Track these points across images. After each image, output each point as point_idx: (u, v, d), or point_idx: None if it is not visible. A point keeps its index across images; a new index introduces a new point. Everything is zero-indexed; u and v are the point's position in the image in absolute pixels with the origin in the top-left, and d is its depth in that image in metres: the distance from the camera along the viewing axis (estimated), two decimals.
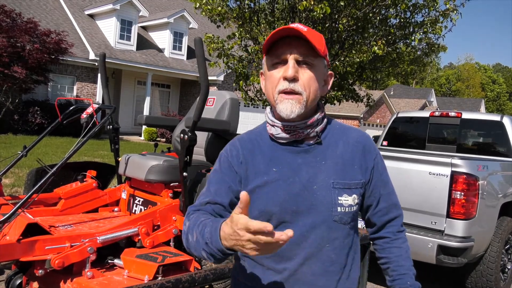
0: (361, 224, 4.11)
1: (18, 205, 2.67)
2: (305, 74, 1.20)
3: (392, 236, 1.35)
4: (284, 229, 1.11)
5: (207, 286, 3.16)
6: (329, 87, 1.31)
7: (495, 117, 5.32)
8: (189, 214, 1.25)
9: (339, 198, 1.22)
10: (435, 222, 3.85)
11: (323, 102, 11.02)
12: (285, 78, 1.19)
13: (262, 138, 1.31)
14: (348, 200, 1.23)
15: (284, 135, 1.25)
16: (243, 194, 0.94)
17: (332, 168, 1.24)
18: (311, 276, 1.22)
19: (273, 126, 1.27)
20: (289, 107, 1.19)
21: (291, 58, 1.19)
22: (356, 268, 1.32)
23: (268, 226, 0.90)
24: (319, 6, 7.87)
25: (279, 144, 1.27)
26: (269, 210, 1.23)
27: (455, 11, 9.26)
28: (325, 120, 1.30)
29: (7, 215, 2.61)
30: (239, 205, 0.94)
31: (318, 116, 1.26)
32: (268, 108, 1.35)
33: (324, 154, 1.26)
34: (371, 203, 1.34)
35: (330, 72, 1.31)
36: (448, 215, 3.77)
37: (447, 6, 9.24)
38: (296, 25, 1.19)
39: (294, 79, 1.19)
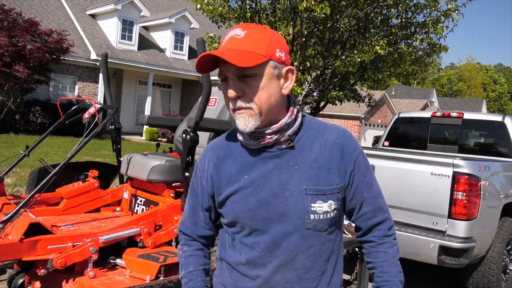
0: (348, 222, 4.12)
1: (21, 204, 2.67)
2: (249, 87, 1.14)
3: (378, 241, 1.28)
4: (257, 237, 1.21)
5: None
6: (291, 84, 1.20)
7: (497, 118, 5.31)
8: (182, 244, 1.38)
9: (312, 205, 1.17)
10: (437, 223, 3.85)
11: (324, 102, 11.04)
12: (229, 97, 1.16)
13: (235, 143, 1.28)
14: (323, 207, 1.18)
15: (252, 141, 1.21)
16: None
17: (306, 173, 1.19)
18: (285, 283, 1.20)
19: (240, 134, 1.24)
20: (243, 122, 1.16)
21: (230, 76, 1.14)
22: (339, 273, 1.29)
23: None
24: (320, 6, 7.87)
25: (250, 150, 1.23)
26: (241, 217, 1.21)
27: (456, 11, 9.26)
28: (298, 121, 1.23)
29: (10, 214, 2.62)
30: None
31: (286, 120, 1.20)
32: None
33: (297, 159, 1.20)
34: (354, 207, 1.27)
35: (289, 67, 1.19)
36: (450, 216, 3.77)
37: (449, 6, 9.24)
38: (234, 32, 1.16)
39: (238, 97, 1.15)
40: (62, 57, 15.05)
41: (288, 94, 1.22)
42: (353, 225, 1.36)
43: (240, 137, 1.25)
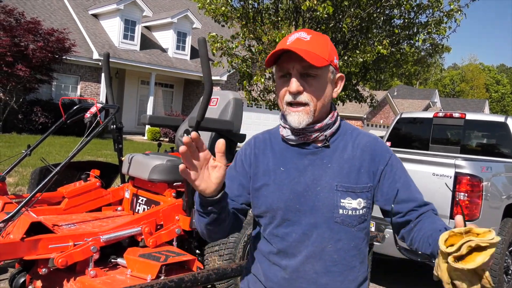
0: None
1: (22, 204, 2.68)
2: (310, 86, 1.24)
3: (417, 218, 1.29)
4: (288, 227, 1.30)
5: (210, 286, 3.16)
6: (340, 89, 1.35)
7: (499, 118, 5.29)
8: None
9: (342, 200, 1.24)
10: None
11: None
12: (290, 92, 1.24)
13: (276, 138, 1.37)
14: (352, 204, 1.25)
15: (293, 137, 1.30)
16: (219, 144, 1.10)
17: (338, 171, 1.27)
18: (313, 274, 1.26)
19: (284, 128, 1.33)
20: (297, 119, 1.25)
21: (293, 73, 1.23)
22: (365, 272, 1.33)
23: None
24: (322, 6, 7.86)
25: (289, 145, 1.33)
26: (275, 207, 1.28)
27: (459, 12, 9.24)
28: (337, 124, 1.33)
29: (11, 213, 2.63)
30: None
31: (327, 120, 1.30)
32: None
33: (331, 157, 1.29)
34: (390, 197, 1.30)
35: (340, 74, 1.34)
36: (452, 217, 3.75)
37: (452, 6, 9.22)
38: (299, 35, 1.25)
39: (298, 92, 1.24)
40: (64, 57, 15.07)
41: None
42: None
43: (282, 132, 1.34)
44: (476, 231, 0.99)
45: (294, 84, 1.23)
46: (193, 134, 1.06)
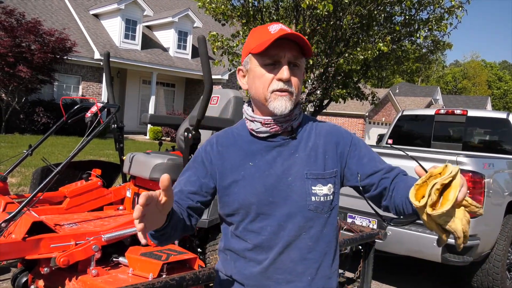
0: (365, 222, 4.10)
1: (24, 203, 2.68)
2: (295, 75, 1.28)
3: (391, 183, 1.30)
4: (263, 221, 1.28)
5: (211, 284, 3.16)
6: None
7: (501, 115, 5.28)
8: None
9: (313, 188, 1.27)
10: None
11: (327, 100, 11.01)
12: (280, 80, 1.25)
13: (241, 133, 1.37)
14: (323, 190, 1.28)
15: (263, 129, 1.31)
16: (164, 178, 1.01)
17: (305, 160, 1.30)
18: (290, 263, 1.27)
19: (252, 121, 1.33)
20: (283, 104, 1.26)
21: (285, 61, 1.25)
22: (337, 259, 1.36)
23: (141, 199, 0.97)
24: (322, 3, 7.85)
25: (257, 139, 1.33)
26: (248, 202, 1.28)
27: (460, 8, 9.21)
28: (301, 115, 1.37)
29: (13, 213, 2.63)
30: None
31: (297, 111, 1.33)
32: (245, 105, 1.40)
33: (297, 147, 1.32)
34: (361, 173, 1.32)
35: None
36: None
37: (452, 3, 9.19)
38: (281, 26, 1.27)
39: (288, 80, 1.26)
40: (65, 57, 15.09)
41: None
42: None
43: (250, 126, 1.34)
44: (436, 172, 1.02)
45: (287, 72, 1.24)
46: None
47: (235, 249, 1.32)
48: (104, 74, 14.74)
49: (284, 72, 1.24)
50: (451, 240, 1.05)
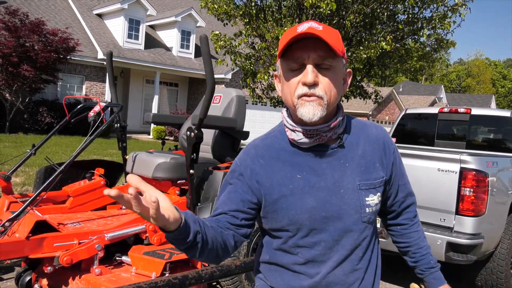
0: None
1: (27, 203, 2.69)
2: (325, 78, 1.14)
3: (409, 223, 1.42)
4: (316, 236, 1.21)
5: (214, 283, 3.17)
6: (348, 86, 1.26)
7: (505, 113, 5.25)
8: None
9: (366, 199, 1.22)
10: (444, 219, 3.82)
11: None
12: (304, 84, 1.14)
13: (280, 143, 1.25)
14: (374, 200, 1.24)
15: (306, 140, 1.19)
16: (129, 179, 0.93)
17: (356, 169, 1.22)
18: (343, 276, 1.23)
19: (293, 131, 1.21)
20: (311, 110, 1.14)
21: (309, 63, 1.13)
22: (380, 263, 1.35)
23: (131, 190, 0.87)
24: (325, 2, 7.83)
25: (300, 150, 1.22)
26: (298, 218, 1.19)
27: (464, 6, 9.17)
28: (345, 121, 1.26)
29: (16, 212, 2.64)
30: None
31: (339, 116, 1.22)
32: (285, 111, 1.27)
33: (346, 156, 1.23)
34: (390, 195, 1.37)
35: (349, 70, 1.25)
36: (457, 212, 3.74)
37: (456, 1, 9.15)
38: (310, 24, 1.13)
39: (314, 84, 1.13)
40: (69, 57, 15.13)
41: None
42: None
43: (291, 136, 1.22)
44: None
45: (311, 74, 1.12)
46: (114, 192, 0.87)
47: (283, 263, 1.25)
48: (107, 73, 14.73)
49: (308, 75, 1.12)
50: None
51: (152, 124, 17.91)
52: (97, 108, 3.36)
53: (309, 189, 1.19)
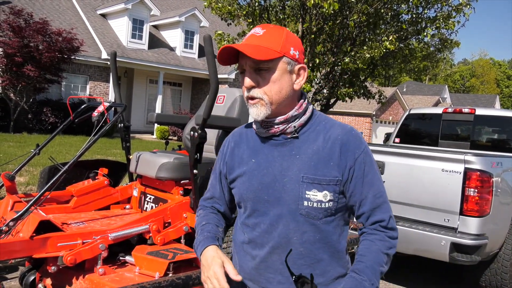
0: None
1: (31, 202, 2.70)
2: (263, 79, 1.26)
3: (369, 231, 1.32)
4: (257, 218, 1.33)
5: None
6: (303, 81, 1.32)
7: (510, 113, 5.23)
8: (198, 209, 1.54)
9: (307, 192, 1.25)
10: (448, 220, 3.81)
11: (334, 99, 10.98)
12: (245, 87, 1.29)
13: (251, 131, 1.42)
14: (317, 196, 1.25)
15: (262, 130, 1.34)
16: (235, 277, 1.20)
17: (306, 162, 1.27)
18: (280, 264, 1.28)
19: (255, 122, 1.37)
20: (255, 111, 1.28)
21: (247, 69, 1.28)
22: (338, 267, 1.31)
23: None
24: (328, 2, 7.82)
25: (261, 138, 1.36)
26: (245, 197, 1.35)
27: (468, 6, 9.14)
28: (307, 115, 1.33)
29: (20, 212, 2.65)
30: (227, 271, 1.21)
31: (293, 112, 1.31)
32: None
33: (300, 149, 1.30)
34: (354, 204, 1.31)
35: (302, 65, 1.32)
36: (462, 213, 3.72)
37: (460, 1, 9.12)
38: (253, 31, 1.29)
39: (252, 87, 1.27)
40: (73, 57, 15.18)
41: (301, 90, 1.36)
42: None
43: (254, 126, 1.39)
44: None
45: (246, 80, 1.27)
46: None
47: (237, 241, 1.41)
48: (110, 73, 14.76)
49: (245, 80, 1.28)
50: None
51: (155, 124, 17.95)
52: (101, 108, 3.37)
53: (257, 173, 1.32)
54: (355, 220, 1.40)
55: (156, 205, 3.32)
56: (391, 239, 1.30)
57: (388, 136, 6.76)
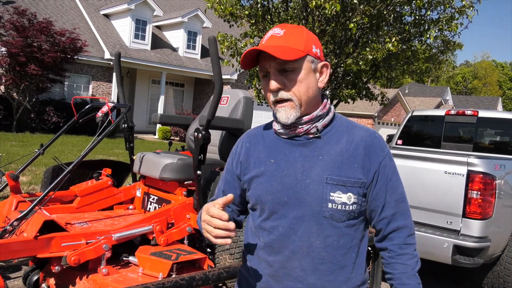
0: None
1: (35, 202, 2.71)
2: (289, 80, 1.23)
3: (397, 251, 1.28)
4: (275, 221, 1.25)
5: (221, 284, 3.17)
6: (326, 78, 1.30)
7: None
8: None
9: (332, 194, 1.20)
10: (451, 222, 3.80)
11: (336, 100, 10.99)
12: (271, 91, 1.24)
13: (268, 131, 1.37)
14: (342, 198, 1.21)
15: (284, 130, 1.29)
16: (229, 196, 1.12)
17: (329, 164, 1.23)
18: (300, 271, 1.22)
19: (277, 123, 1.32)
20: (285, 115, 1.24)
21: (271, 71, 1.23)
22: (359, 273, 1.27)
23: (224, 216, 1.10)
24: (330, 3, 7.82)
25: (281, 138, 1.31)
26: (263, 199, 1.27)
27: (471, 8, 9.13)
28: (330, 115, 1.30)
29: (25, 212, 2.66)
30: (221, 199, 1.12)
31: (318, 112, 1.27)
32: None
33: (322, 150, 1.26)
34: (375, 208, 1.28)
35: (324, 63, 1.29)
36: (464, 215, 3.72)
37: (463, 2, 9.11)
38: (272, 32, 1.25)
39: (279, 90, 1.23)
40: (76, 57, 15.21)
41: (322, 90, 1.33)
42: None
43: (275, 126, 1.33)
44: None
45: (273, 83, 1.22)
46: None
47: (251, 246, 1.32)
48: (114, 73, 14.73)
49: (271, 83, 1.23)
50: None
51: (157, 124, 17.96)
52: (105, 109, 3.38)
53: (277, 174, 1.26)
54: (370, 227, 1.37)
55: (160, 206, 3.33)
56: (415, 251, 1.31)
57: (390, 137, 6.76)
